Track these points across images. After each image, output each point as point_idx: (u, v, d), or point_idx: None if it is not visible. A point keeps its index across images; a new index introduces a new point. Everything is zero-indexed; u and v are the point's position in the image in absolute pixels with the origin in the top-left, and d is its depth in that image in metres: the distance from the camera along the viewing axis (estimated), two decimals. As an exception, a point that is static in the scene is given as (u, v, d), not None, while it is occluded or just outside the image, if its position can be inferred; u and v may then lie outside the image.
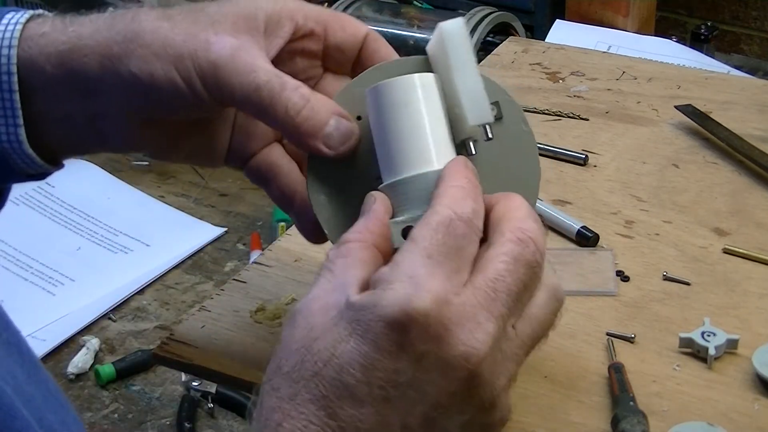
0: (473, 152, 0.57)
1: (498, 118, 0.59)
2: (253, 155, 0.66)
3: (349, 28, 0.63)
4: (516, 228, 0.50)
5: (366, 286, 0.50)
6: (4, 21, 0.58)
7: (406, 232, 0.53)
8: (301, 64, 0.63)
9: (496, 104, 0.59)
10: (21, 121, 0.59)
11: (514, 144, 0.60)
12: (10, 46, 0.58)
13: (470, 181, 0.52)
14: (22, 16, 0.59)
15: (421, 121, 0.55)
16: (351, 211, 0.57)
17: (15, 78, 0.58)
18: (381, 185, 0.55)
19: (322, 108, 0.57)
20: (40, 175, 0.63)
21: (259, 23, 0.59)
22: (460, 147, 0.57)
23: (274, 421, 0.48)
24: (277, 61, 0.61)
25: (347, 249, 0.52)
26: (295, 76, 0.60)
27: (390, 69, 0.60)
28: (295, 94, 0.56)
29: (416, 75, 0.56)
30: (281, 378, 0.49)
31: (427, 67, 0.59)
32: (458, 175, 0.53)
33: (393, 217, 0.54)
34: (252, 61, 0.57)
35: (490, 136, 0.57)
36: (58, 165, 0.63)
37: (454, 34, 0.57)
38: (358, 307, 0.48)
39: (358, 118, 0.59)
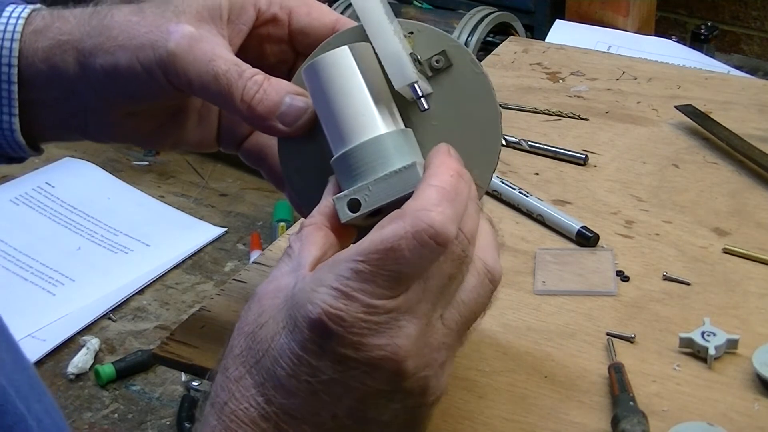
0: (425, 107, 0.56)
1: (447, 66, 0.58)
2: (244, 139, 0.68)
3: (315, 13, 0.64)
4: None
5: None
6: (5, 14, 0.61)
7: (352, 205, 0.53)
8: (270, 50, 0.65)
9: (443, 54, 0.58)
10: (17, 111, 0.62)
11: (468, 89, 0.58)
12: (12, 39, 0.61)
13: (454, 175, 0.51)
14: (23, 10, 0.62)
15: (358, 89, 0.55)
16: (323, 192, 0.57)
17: (15, 71, 0.61)
18: (332, 160, 0.55)
19: (274, 90, 0.58)
20: (20, 159, 0.66)
21: (222, 12, 0.61)
22: (412, 105, 0.57)
23: (221, 399, 0.51)
24: (246, 48, 0.62)
25: (303, 233, 0.54)
26: (265, 60, 0.62)
27: (336, 43, 0.59)
28: (250, 81, 0.58)
29: (347, 46, 0.56)
30: (231, 359, 0.52)
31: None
32: (439, 169, 0.52)
33: (344, 190, 0.54)
34: (210, 50, 0.58)
35: (420, 93, 0.56)
36: (38, 150, 0.66)
37: (363, 1, 0.57)
38: (295, 301, 0.50)
39: None
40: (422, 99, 0.56)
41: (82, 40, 0.61)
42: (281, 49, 0.65)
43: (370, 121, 0.54)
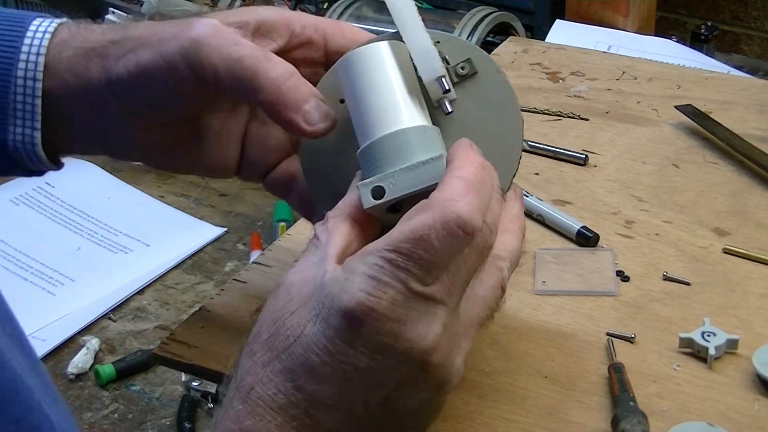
0: (449, 110, 0.58)
1: (472, 73, 0.60)
2: (271, 168, 0.67)
3: (348, 34, 0.64)
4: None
5: (345, 256, 0.52)
6: (32, 27, 0.62)
7: (376, 192, 0.53)
8: (305, 73, 0.65)
9: (468, 61, 0.60)
10: (39, 125, 0.62)
11: (491, 95, 0.60)
12: (38, 54, 0.61)
13: (478, 167, 0.53)
14: (50, 24, 0.62)
15: (388, 83, 0.56)
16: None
17: (40, 84, 0.61)
18: (358, 152, 0.56)
19: (304, 85, 0.58)
20: (40, 172, 0.66)
21: (249, 25, 0.61)
22: (437, 108, 0.58)
23: (247, 383, 0.51)
24: None
25: (328, 224, 0.54)
26: None
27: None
28: (280, 65, 0.58)
29: (383, 42, 0.57)
30: (259, 344, 0.52)
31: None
32: (464, 162, 0.53)
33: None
34: (234, 37, 0.58)
35: (447, 87, 0.57)
36: (58, 164, 0.66)
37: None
38: (327, 291, 0.50)
39: (342, 101, 0.60)
40: (446, 102, 0.58)
41: (106, 47, 0.61)
42: (315, 72, 0.65)
43: (397, 114, 0.55)
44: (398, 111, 0.55)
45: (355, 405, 0.51)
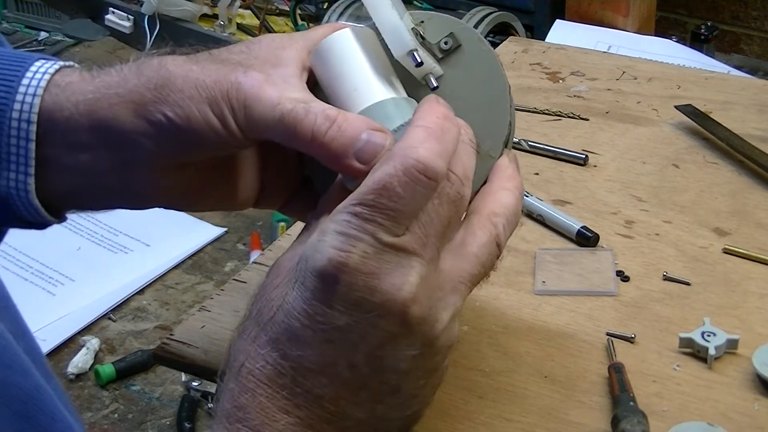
0: (434, 85, 0.59)
1: (456, 46, 0.61)
2: (291, 197, 0.66)
3: None
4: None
5: None
6: (33, 68, 0.58)
7: None
8: None
9: (451, 35, 0.61)
10: (32, 171, 0.58)
11: (476, 66, 0.61)
12: (34, 95, 0.58)
13: (440, 117, 0.53)
14: (51, 66, 0.59)
15: (354, 66, 0.57)
16: None
17: (34, 128, 0.58)
18: None
19: (350, 126, 0.55)
20: (40, 225, 0.62)
21: (284, 63, 0.59)
22: (425, 88, 0.59)
23: (238, 362, 0.52)
24: None
25: (317, 209, 0.55)
26: None
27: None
28: (320, 116, 0.55)
29: (347, 29, 0.58)
30: (249, 321, 0.53)
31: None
32: (426, 113, 0.53)
33: None
34: (277, 93, 0.56)
35: (419, 60, 0.58)
36: (60, 218, 0.62)
37: None
38: (305, 256, 0.51)
39: None
40: (431, 78, 0.59)
41: (138, 92, 0.57)
42: None
43: (367, 92, 0.56)
44: (368, 89, 0.56)
45: (341, 367, 0.51)
